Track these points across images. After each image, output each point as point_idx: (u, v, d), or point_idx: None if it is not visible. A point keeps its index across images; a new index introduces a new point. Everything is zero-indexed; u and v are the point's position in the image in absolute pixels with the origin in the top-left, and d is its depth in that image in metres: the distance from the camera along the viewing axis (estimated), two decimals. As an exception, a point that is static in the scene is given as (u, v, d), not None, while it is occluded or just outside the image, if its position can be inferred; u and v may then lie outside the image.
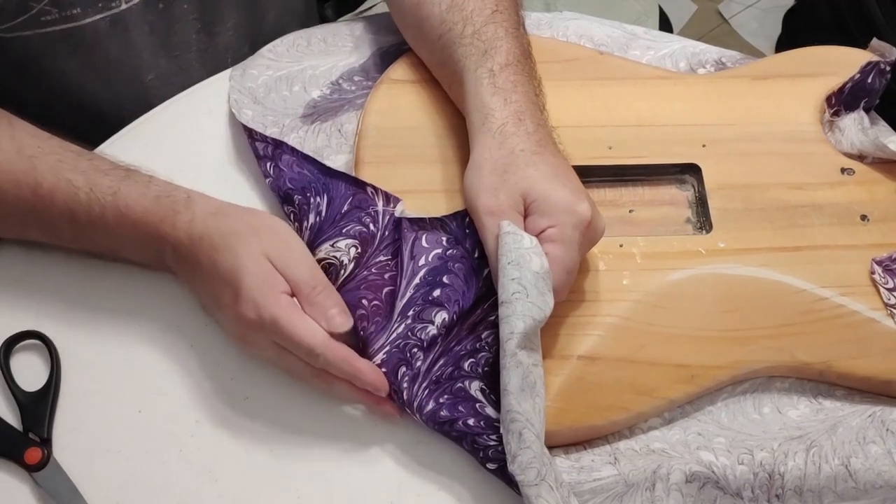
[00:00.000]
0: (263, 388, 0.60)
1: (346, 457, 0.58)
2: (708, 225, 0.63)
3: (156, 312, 0.63)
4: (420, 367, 0.56)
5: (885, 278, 0.59)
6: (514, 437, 0.51)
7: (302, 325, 0.55)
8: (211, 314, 0.61)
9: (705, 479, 0.54)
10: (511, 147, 0.57)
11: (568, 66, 0.70)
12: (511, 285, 0.53)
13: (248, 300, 0.55)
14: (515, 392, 0.52)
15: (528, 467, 0.50)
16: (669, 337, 0.58)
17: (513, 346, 0.52)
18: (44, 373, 0.61)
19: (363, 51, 0.73)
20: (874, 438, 0.56)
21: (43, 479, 0.57)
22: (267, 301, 0.55)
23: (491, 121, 0.59)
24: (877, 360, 0.58)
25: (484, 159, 0.58)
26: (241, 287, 0.55)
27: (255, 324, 0.55)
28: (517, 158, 0.57)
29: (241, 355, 0.61)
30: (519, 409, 0.51)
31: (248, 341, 0.58)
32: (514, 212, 0.56)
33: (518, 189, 0.56)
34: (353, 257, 0.60)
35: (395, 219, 0.61)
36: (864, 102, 0.67)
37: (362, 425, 0.59)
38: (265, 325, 0.55)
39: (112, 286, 0.64)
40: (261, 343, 0.57)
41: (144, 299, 0.64)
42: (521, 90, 0.61)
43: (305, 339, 0.54)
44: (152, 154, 0.70)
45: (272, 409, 0.59)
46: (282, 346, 0.56)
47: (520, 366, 0.52)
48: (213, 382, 0.61)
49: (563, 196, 0.55)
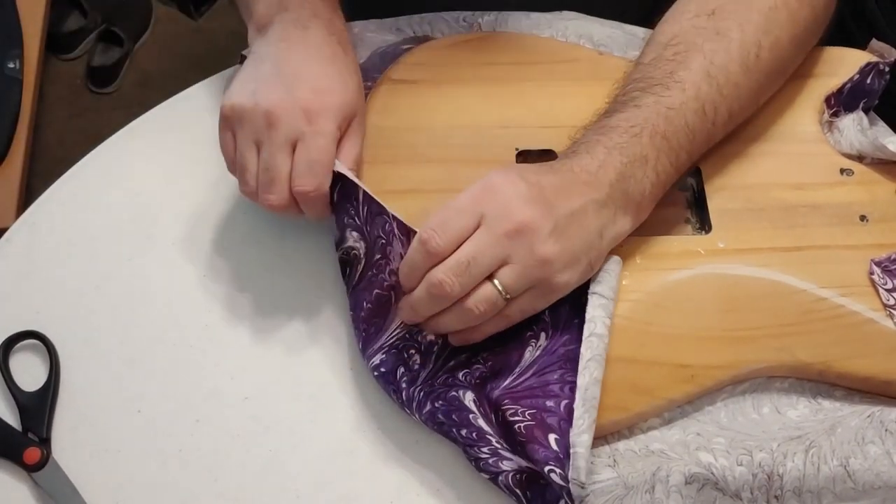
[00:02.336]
0: (263, 388, 0.60)
1: (345, 457, 0.58)
2: (707, 225, 0.63)
3: (156, 312, 0.63)
4: (417, 371, 0.56)
5: (884, 279, 0.59)
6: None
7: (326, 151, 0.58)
8: (237, 79, 0.61)
9: (704, 480, 0.55)
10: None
11: (568, 66, 0.70)
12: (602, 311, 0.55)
13: (288, 95, 0.58)
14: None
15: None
16: (669, 337, 0.58)
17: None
18: (43, 373, 0.61)
19: (363, 51, 0.73)
20: (873, 439, 0.56)
21: (42, 478, 0.57)
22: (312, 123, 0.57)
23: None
24: (876, 361, 0.58)
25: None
26: (295, 87, 0.58)
27: (278, 109, 0.57)
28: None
29: (240, 355, 0.61)
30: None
31: (240, 116, 0.59)
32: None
33: None
34: (363, 252, 0.59)
35: (375, 213, 0.59)
36: (864, 103, 0.67)
37: (362, 425, 0.59)
38: (292, 115, 0.57)
39: (112, 286, 0.64)
40: (245, 129, 0.58)
41: (144, 299, 0.64)
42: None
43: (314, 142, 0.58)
44: (153, 153, 0.70)
45: (272, 409, 0.60)
46: (260, 147, 0.58)
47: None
48: (212, 382, 0.61)
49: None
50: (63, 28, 1.66)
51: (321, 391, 0.60)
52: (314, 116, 0.58)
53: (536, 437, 0.52)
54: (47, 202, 0.68)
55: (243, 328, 0.63)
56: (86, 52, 1.68)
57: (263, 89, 0.59)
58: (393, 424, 0.59)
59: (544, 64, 0.65)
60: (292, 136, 0.58)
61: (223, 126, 0.60)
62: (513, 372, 0.55)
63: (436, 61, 0.70)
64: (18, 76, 1.10)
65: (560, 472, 0.51)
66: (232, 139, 0.60)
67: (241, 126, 0.59)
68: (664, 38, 0.63)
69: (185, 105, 0.73)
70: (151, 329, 0.62)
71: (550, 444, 0.52)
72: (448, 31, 0.74)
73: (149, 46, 1.69)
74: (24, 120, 1.08)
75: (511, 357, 0.56)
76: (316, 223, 0.64)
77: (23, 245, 0.66)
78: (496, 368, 0.55)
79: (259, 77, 0.60)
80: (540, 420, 0.53)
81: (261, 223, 0.67)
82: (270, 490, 0.57)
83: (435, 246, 0.52)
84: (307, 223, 0.66)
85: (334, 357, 0.61)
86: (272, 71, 0.60)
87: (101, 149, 0.70)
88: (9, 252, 0.66)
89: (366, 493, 0.57)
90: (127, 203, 0.68)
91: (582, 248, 0.54)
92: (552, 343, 0.56)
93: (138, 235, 0.66)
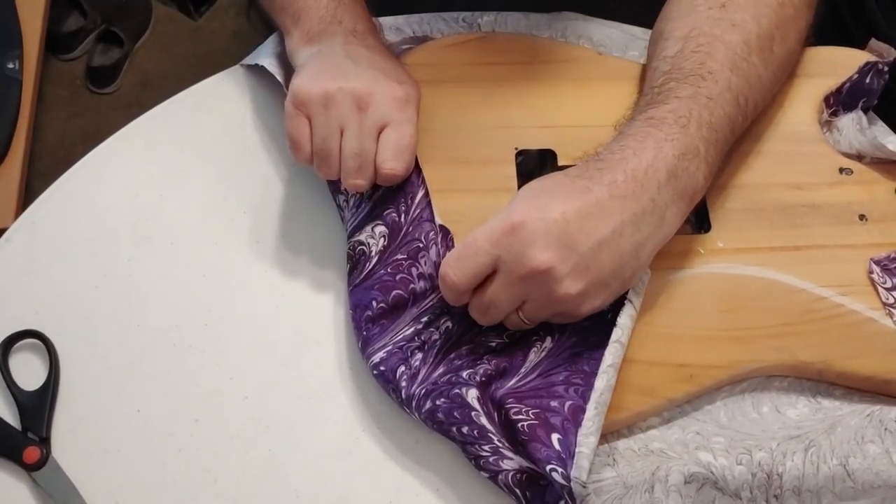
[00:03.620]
0: (263, 388, 0.60)
1: (345, 457, 0.58)
2: (707, 224, 0.63)
3: (155, 312, 0.63)
4: (419, 368, 0.56)
5: (884, 278, 0.59)
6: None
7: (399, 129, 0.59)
8: (303, 69, 0.62)
9: (704, 479, 0.55)
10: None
11: (568, 66, 0.70)
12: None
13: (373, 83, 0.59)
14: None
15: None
16: (669, 336, 0.58)
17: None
18: (43, 372, 0.61)
19: (362, 50, 0.73)
20: (872, 438, 0.56)
21: (42, 478, 0.57)
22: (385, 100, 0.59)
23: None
24: (876, 360, 0.58)
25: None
26: (374, 86, 0.60)
27: (369, 94, 0.59)
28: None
29: (240, 356, 0.61)
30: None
31: (323, 103, 0.59)
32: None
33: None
34: (379, 249, 0.60)
35: (424, 219, 0.60)
36: (863, 103, 0.67)
37: (361, 425, 0.59)
38: (371, 102, 0.59)
39: (112, 286, 0.64)
40: (331, 113, 0.59)
41: (144, 299, 0.64)
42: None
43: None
44: (153, 153, 0.70)
45: (271, 410, 0.60)
46: (344, 131, 0.59)
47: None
48: (212, 382, 0.61)
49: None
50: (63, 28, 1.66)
51: (321, 391, 0.60)
52: (403, 105, 0.60)
53: (539, 436, 0.52)
54: (47, 202, 0.68)
55: (243, 328, 0.63)
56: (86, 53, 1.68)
57: (347, 76, 0.60)
58: (393, 424, 0.59)
59: (544, 64, 0.65)
60: (381, 122, 0.59)
61: (296, 111, 0.60)
62: (518, 372, 0.55)
63: (436, 61, 0.70)
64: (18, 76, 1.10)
65: (562, 472, 0.51)
66: (307, 124, 0.60)
67: (326, 110, 0.59)
68: (681, 31, 0.62)
69: (184, 105, 0.73)
70: (151, 329, 0.62)
71: (553, 443, 0.52)
72: (448, 31, 0.74)
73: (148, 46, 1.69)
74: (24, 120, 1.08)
75: (517, 358, 0.56)
76: (318, 222, 0.64)
77: (23, 245, 0.66)
78: (501, 368, 0.55)
79: (336, 67, 0.61)
80: (543, 419, 0.53)
81: (261, 223, 0.67)
82: (270, 490, 0.57)
83: (451, 282, 0.53)
84: (307, 223, 0.66)
85: (334, 357, 0.61)
86: (349, 62, 0.61)
87: (101, 149, 0.70)
88: (9, 252, 0.66)
89: (366, 493, 0.57)
90: (127, 203, 0.68)
91: (612, 274, 0.53)
92: (558, 345, 0.56)
93: (138, 235, 0.66)
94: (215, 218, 0.67)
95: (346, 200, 0.64)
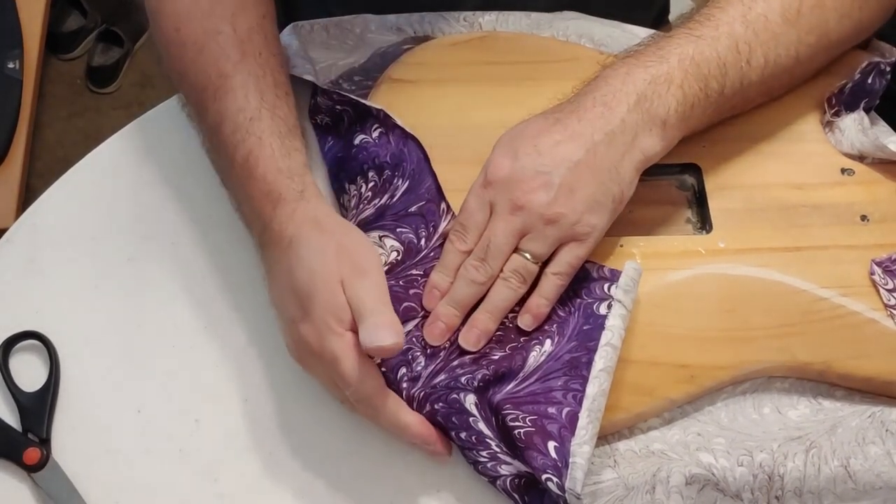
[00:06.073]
0: (262, 389, 0.60)
1: (345, 457, 0.58)
2: (708, 225, 0.63)
3: (155, 312, 0.63)
4: (420, 372, 0.56)
5: (885, 279, 0.59)
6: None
7: (360, 370, 0.52)
8: (274, 308, 0.58)
9: (705, 481, 0.54)
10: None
11: (568, 66, 0.70)
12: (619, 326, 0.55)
13: (314, 328, 0.53)
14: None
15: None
16: (669, 337, 0.58)
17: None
18: (43, 373, 0.60)
19: (363, 51, 0.73)
20: (874, 439, 0.56)
21: (42, 479, 0.57)
22: (332, 336, 0.52)
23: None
24: (877, 361, 0.57)
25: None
26: (311, 312, 0.53)
27: (316, 353, 0.53)
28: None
29: (240, 356, 0.61)
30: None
31: (303, 362, 0.56)
32: None
33: None
34: (389, 262, 0.59)
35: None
36: (865, 103, 0.67)
37: (361, 426, 0.59)
38: (325, 358, 0.53)
39: (112, 286, 0.64)
40: (315, 368, 0.56)
41: (144, 299, 0.64)
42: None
43: (360, 387, 0.53)
44: (153, 153, 0.70)
45: (271, 410, 0.59)
46: (335, 381, 0.54)
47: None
48: (212, 383, 0.60)
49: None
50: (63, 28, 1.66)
51: (321, 391, 0.60)
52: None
53: (536, 444, 0.52)
54: (47, 202, 0.68)
55: (243, 328, 0.62)
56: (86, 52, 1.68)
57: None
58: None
59: (544, 64, 0.65)
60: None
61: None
62: (517, 377, 0.55)
63: (436, 61, 0.70)
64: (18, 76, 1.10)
65: (557, 482, 0.50)
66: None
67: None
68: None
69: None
70: (151, 329, 0.62)
71: (549, 451, 0.51)
72: (448, 30, 0.74)
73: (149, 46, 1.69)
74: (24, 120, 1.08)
75: (515, 362, 0.56)
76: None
77: (23, 245, 0.66)
78: (500, 372, 0.55)
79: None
80: (540, 427, 0.53)
81: (261, 223, 0.67)
82: (270, 490, 0.57)
83: (462, 244, 0.57)
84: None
85: (334, 357, 0.61)
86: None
87: (101, 149, 0.70)
88: (9, 252, 0.66)
89: (366, 493, 0.57)
90: (127, 203, 0.68)
91: (598, 190, 0.56)
92: (557, 349, 0.56)
93: (138, 235, 0.66)
94: (215, 218, 0.67)
95: (349, 200, 0.63)
